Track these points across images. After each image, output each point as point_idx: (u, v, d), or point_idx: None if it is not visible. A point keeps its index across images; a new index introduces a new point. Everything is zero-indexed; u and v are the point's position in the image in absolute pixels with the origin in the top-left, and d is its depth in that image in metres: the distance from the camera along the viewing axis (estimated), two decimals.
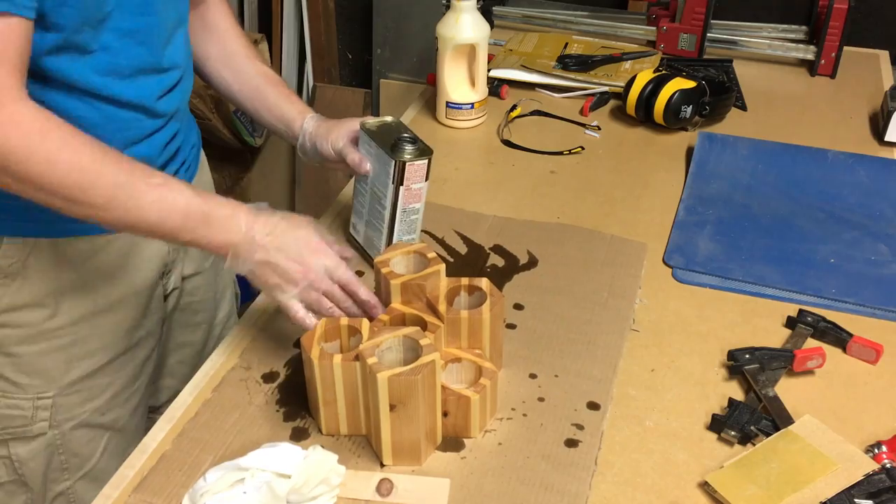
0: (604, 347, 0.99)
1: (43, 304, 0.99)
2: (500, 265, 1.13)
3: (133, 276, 1.06)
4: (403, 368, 0.78)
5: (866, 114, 1.54)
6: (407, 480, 0.81)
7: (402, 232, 1.07)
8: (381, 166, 1.04)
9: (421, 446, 0.82)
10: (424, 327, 0.87)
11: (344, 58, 2.63)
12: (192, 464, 0.84)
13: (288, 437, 0.87)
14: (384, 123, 1.07)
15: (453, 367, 0.89)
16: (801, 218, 1.23)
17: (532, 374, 0.95)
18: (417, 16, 2.37)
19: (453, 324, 0.88)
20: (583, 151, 1.42)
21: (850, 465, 0.81)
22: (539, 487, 0.81)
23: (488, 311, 0.88)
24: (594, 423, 0.88)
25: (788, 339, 1.00)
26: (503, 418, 0.89)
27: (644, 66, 1.64)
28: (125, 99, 0.93)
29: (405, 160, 1.01)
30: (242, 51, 1.13)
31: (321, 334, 0.85)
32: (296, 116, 1.11)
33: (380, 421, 0.80)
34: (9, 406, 1.02)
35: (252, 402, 0.91)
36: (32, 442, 1.04)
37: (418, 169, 1.03)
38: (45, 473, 1.06)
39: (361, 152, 1.07)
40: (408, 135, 1.03)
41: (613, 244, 1.17)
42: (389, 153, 1.02)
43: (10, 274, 0.96)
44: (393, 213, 1.05)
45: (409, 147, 1.02)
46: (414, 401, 0.79)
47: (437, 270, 0.91)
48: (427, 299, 0.91)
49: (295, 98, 1.13)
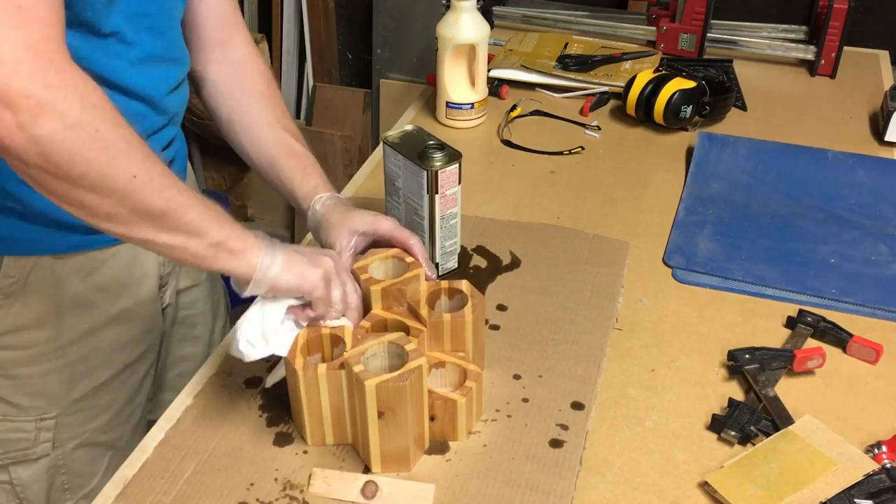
0: (587, 347, 0.98)
1: (44, 324, 0.97)
2: (482, 266, 1.13)
3: (134, 291, 1.04)
4: (391, 375, 0.77)
5: (866, 114, 1.54)
6: (392, 484, 0.80)
7: (443, 238, 1.07)
8: (412, 177, 1.03)
9: (409, 452, 0.82)
10: (407, 332, 0.87)
11: (344, 58, 2.63)
12: (174, 471, 0.83)
13: (271, 442, 0.86)
14: (405, 133, 1.06)
15: (437, 371, 0.88)
16: (801, 218, 1.23)
17: (516, 375, 0.94)
18: (417, 16, 2.37)
19: (436, 327, 0.88)
20: (583, 151, 1.42)
21: (850, 465, 0.81)
22: (524, 488, 0.81)
23: (470, 313, 0.88)
24: (579, 422, 0.88)
25: (788, 339, 1.00)
26: (488, 420, 0.89)
27: (644, 66, 1.64)
28: (136, 88, 0.91)
29: (437, 168, 1.00)
30: (262, 116, 1.03)
31: (303, 344, 0.84)
32: (305, 196, 0.99)
33: (368, 429, 0.80)
34: (10, 430, 0.99)
35: (234, 407, 0.91)
36: (35, 464, 1.02)
37: (450, 175, 1.01)
38: (47, 495, 1.04)
39: (388, 166, 1.06)
40: (433, 142, 1.02)
41: (596, 243, 1.17)
42: (419, 164, 1.01)
43: (11, 294, 0.94)
44: (432, 221, 1.04)
45: (437, 154, 1.01)
46: (402, 407, 0.78)
47: (417, 274, 0.91)
48: (408, 304, 0.90)
49: (311, 171, 1.01)
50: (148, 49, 0.91)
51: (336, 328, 0.86)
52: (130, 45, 0.89)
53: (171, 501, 0.80)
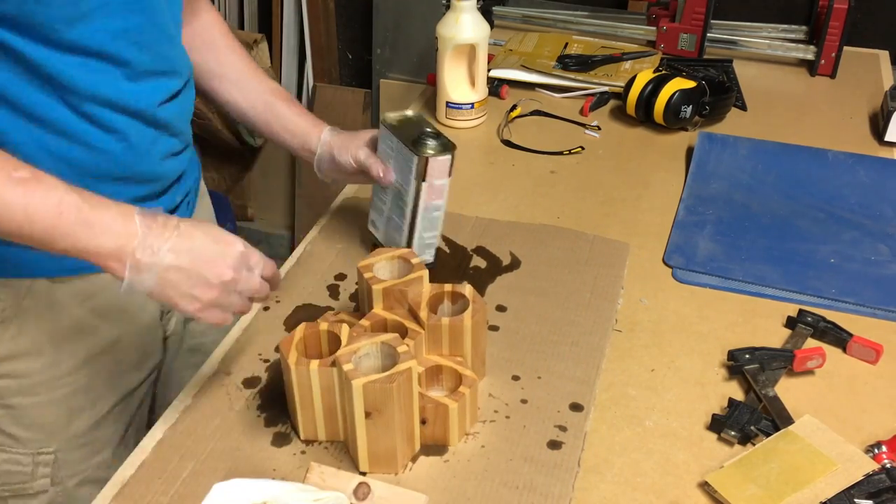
0: (587, 348, 0.98)
1: (41, 352, 0.94)
2: (482, 267, 1.13)
3: (134, 316, 1.01)
4: (379, 376, 0.77)
5: (866, 114, 1.54)
6: (385, 489, 0.80)
7: (423, 229, 1.06)
8: (402, 162, 1.03)
9: (397, 454, 0.82)
10: (405, 334, 0.86)
11: (344, 58, 2.63)
12: (171, 471, 0.83)
13: (269, 442, 0.86)
14: (405, 118, 1.05)
15: (434, 375, 0.88)
16: (801, 218, 1.23)
17: (515, 377, 0.94)
18: (417, 16, 2.37)
19: (434, 330, 0.88)
20: (583, 151, 1.42)
21: (850, 465, 0.80)
22: (522, 490, 0.81)
23: (470, 318, 0.87)
24: (577, 424, 0.88)
25: (788, 339, 1.00)
26: (486, 421, 0.89)
27: (644, 66, 1.64)
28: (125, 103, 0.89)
29: (428, 155, 0.99)
30: (247, 68, 1.10)
31: (300, 339, 0.84)
32: (311, 129, 1.07)
33: (356, 428, 0.79)
34: (7, 461, 0.97)
35: (232, 407, 0.90)
36: (32, 500, 0.99)
37: (441, 164, 1.00)
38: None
39: (381, 147, 1.05)
40: (430, 129, 1.02)
41: (596, 244, 1.17)
42: (412, 148, 1.00)
43: (4, 319, 0.91)
44: (415, 209, 1.03)
45: (431, 142, 1.00)
46: (389, 408, 0.78)
47: (420, 276, 0.91)
48: (409, 305, 0.90)
49: (307, 112, 1.10)
50: (137, 64, 0.88)
51: (334, 326, 0.86)
52: (118, 63, 0.86)
53: (168, 501, 0.80)
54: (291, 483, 0.75)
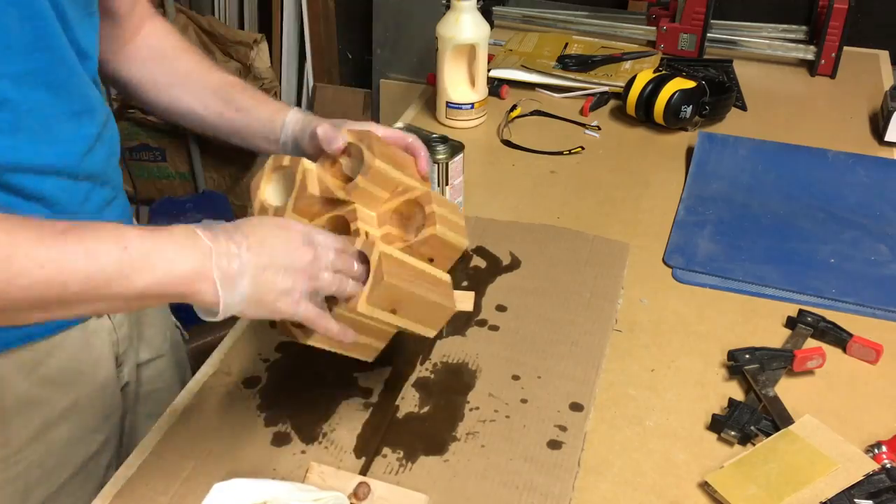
0: (587, 348, 0.98)
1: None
2: (482, 267, 1.13)
3: (88, 378, 0.93)
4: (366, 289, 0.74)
5: (866, 114, 1.54)
6: (385, 488, 0.80)
7: None
8: None
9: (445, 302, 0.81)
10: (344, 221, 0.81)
11: (344, 58, 2.63)
12: (171, 471, 0.83)
13: (269, 441, 0.86)
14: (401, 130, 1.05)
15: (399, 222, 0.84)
16: (801, 218, 1.23)
17: (515, 376, 0.94)
18: (417, 16, 2.37)
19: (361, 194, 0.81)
20: (583, 151, 1.42)
21: (850, 465, 0.80)
22: (522, 490, 0.81)
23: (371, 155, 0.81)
24: (577, 424, 0.88)
25: (788, 339, 1.00)
26: (486, 421, 0.89)
27: (644, 66, 1.64)
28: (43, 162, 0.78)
29: (445, 160, 1.01)
30: (196, 67, 0.99)
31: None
32: (274, 115, 0.94)
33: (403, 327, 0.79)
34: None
35: (232, 407, 0.90)
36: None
37: (457, 165, 1.03)
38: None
39: None
40: (435, 135, 1.04)
41: (596, 244, 1.17)
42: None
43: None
44: None
45: (441, 147, 1.02)
46: (403, 291, 0.76)
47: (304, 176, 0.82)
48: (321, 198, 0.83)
49: (270, 99, 0.98)
50: (48, 109, 0.79)
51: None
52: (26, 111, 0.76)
53: (168, 501, 0.80)
54: (291, 483, 0.75)
